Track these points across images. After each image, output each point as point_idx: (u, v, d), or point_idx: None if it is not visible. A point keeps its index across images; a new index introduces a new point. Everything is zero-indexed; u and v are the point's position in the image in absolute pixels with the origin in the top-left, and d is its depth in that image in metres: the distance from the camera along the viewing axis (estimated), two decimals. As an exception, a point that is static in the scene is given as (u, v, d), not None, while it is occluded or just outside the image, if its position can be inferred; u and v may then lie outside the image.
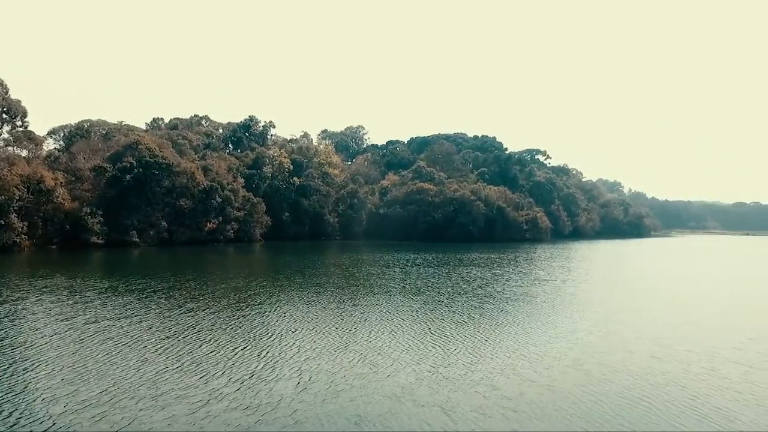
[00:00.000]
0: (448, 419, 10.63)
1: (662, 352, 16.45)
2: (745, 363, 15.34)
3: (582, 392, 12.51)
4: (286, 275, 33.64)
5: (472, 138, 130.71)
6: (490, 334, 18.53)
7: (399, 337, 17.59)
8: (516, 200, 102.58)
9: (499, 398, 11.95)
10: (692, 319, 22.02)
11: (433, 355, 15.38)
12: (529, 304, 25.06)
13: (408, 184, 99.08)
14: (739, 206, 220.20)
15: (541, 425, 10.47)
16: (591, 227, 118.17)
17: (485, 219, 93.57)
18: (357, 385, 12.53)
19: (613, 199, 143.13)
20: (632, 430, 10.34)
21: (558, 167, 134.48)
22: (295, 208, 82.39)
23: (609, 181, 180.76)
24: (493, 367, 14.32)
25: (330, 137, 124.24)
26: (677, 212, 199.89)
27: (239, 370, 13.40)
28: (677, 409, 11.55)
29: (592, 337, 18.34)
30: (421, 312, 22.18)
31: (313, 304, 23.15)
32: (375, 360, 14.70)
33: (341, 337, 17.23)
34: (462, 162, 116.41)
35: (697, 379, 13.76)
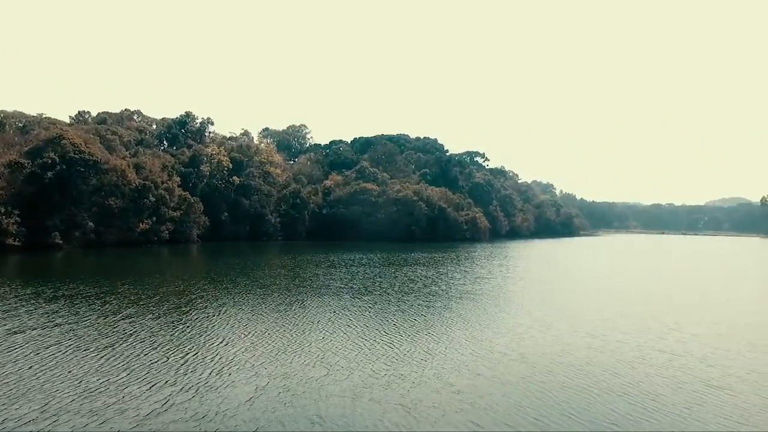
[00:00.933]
0: (406, 415, 10.86)
1: (596, 343, 17.66)
2: (668, 351, 16.81)
3: (528, 383, 13.20)
4: (229, 277, 32.60)
5: (414, 139, 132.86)
6: (439, 331, 19.04)
7: (352, 336, 17.65)
8: (456, 201, 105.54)
9: (452, 392, 12.35)
10: (621, 312, 23.77)
11: (387, 354, 15.59)
12: (474, 301, 25.96)
13: (351, 184, 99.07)
14: (656, 207, 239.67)
15: (494, 416, 10.95)
16: (526, 227, 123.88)
17: (427, 219, 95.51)
18: (315, 386, 12.48)
19: (547, 200, 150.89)
20: (575, 416, 11.04)
21: (496, 169, 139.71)
22: (235, 208, 79.88)
23: (543, 183, 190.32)
24: (444, 363, 14.75)
25: (272, 136, 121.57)
26: (603, 213, 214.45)
27: (189, 377, 12.89)
28: (613, 395, 12.48)
29: (534, 331, 19.33)
30: (372, 311, 22.36)
31: (260, 307, 22.65)
32: (330, 360, 14.68)
33: (294, 339, 17.02)
34: (405, 163, 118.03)
35: (629, 367, 14.91)
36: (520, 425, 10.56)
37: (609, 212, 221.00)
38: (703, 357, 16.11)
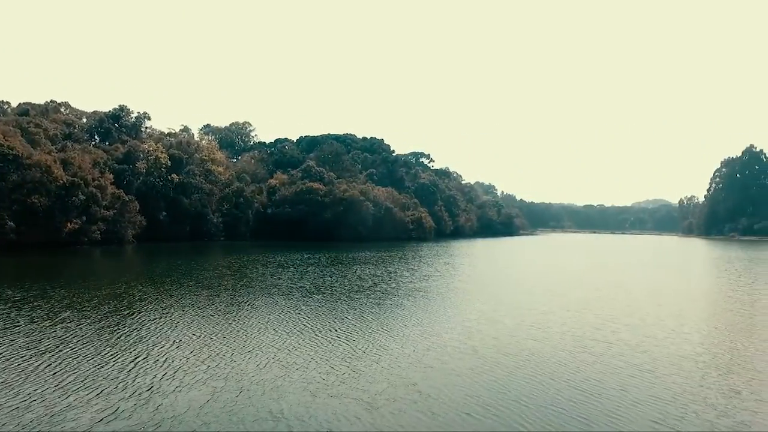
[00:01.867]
0: (362, 409, 11.00)
1: (539, 335, 18.63)
2: (604, 340, 18.03)
3: (480, 374, 13.75)
4: (172, 278, 31.26)
5: (361, 139, 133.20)
6: (392, 327, 19.36)
7: (305, 335, 17.56)
8: (402, 201, 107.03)
9: (408, 385, 12.65)
10: (560, 306, 25.16)
11: (342, 351, 15.67)
12: (424, 298, 26.55)
13: (297, 183, 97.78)
14: (588, 208, 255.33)
15: (448, 406, 11.34)
16: (469, 227, 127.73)
17: (374, 219, 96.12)
18: (272, 385, 12.33)
19: (489, 200, 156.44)
20: (523, 401, 11.65)
21: (441, 170, 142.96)
22: (174, 207, 76.50)
23: (485, 184, 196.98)
24: (399, 358, 15.05)
25: (213, 133, 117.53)
26: (541, 213, 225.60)
27: (135, 383, 12.30)
28: (558, 381, 13.26)
29: (482, 325, 20.08)
30: (324, 310, 22.31)
31: (208, 308, 21.95)
32: (286, 359, 14.55)
33: (247, 340, 16.68)
34: (351, 163, 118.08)
35: (571, 355, 15.87)
36: (473, 412, 11.01)
37: (546, 212, 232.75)
38: (635, 345, 17.42)
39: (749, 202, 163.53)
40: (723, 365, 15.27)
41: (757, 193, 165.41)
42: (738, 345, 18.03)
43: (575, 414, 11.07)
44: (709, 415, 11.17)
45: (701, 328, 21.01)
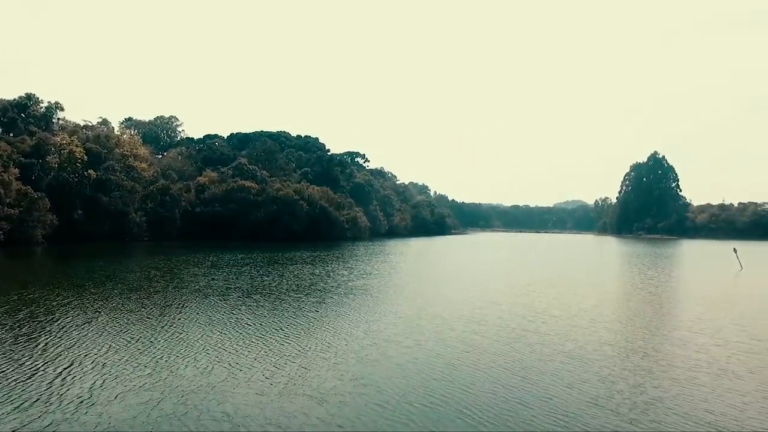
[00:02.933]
0: (311, 404, 10.98)
1: (477, 328, 19.43)
2: (535, 331, 19.18)
3: (423, 365, 14.15)
4: (95, 281, 29.03)
5: (295, 137, 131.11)
6: (335, 324, 19.38)
7: (248, 336, 17.14)
8: (338, 200, 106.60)
9: (354, 380, 12.78)
10: (492, 301, 26.37)
11: (287, 349, 15.48)
12: (364, 295, 26.75)
13: (228, 181, 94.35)
14: (515, 209, 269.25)
15: (394, 397, 11.58)
16: (404, 226, 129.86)
17: (308, 218, 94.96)
18: (218, 387, 11.95)
19: (422, 200, 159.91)
20: (466, 389, 12.17)
21: (376, 170, 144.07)
22: (92, 205, 70.92)
23: (419, 185, 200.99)
24: (344, 354, 15.13)
25: (136, 126, 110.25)
26: (471, 213, 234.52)
27: (69, 393, 11.37)
28: (496, 370, 13.96)
29: (422, 320, 20.61)
30: (264, 310, 21.82)
31: (139, 311, 20.68)
32: (229, 360, 14.15)
33: (185, 343, 15.94)
34: (285, 161, 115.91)
35: (507, 346, 16.72)
36: (420, 402, 11.33)
37: (476, 212, 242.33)
38: (563, 334, 18.68)
39: (654, 203, 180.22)
40: (639, 349, 16.80)
41: (660, 195, 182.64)
42: (649, 330, 19.90)
43: (515, 398, 11.71)
44: (632, 392, 12.28)
45: (618, 317, 22.94)
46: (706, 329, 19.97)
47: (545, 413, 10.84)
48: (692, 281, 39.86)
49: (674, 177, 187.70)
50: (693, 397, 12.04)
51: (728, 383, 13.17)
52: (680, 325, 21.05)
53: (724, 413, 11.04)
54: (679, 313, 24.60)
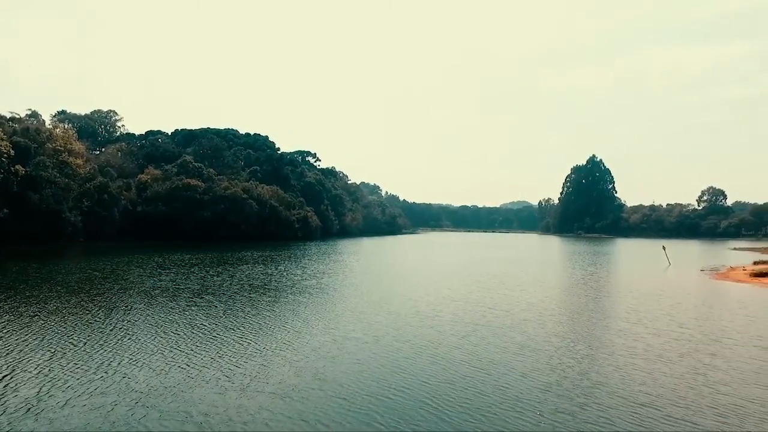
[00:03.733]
0: (274, 400, 10.96)
1: (433, 323, 19.93)
2: (487, 324, 19.92)
3: (382, 361, 14.39)
4: (29, 284, 27.09)
5: (244, 135, 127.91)
6: (291, 323, 19.26)
7: (203, 336, 16.72)
8: (288, 199, 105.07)
9: (314, 375, 12.84)
10: (446, 296, 27.07)
11: (246, 348, 15.26)
12: (320, 294, 26.71)
13: (173, 179, 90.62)
14: (464, 209, 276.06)
15: (354, 390, 11.76)
16: (355, 226, 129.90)
17: (258, 218, 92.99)
18: (180, 387, 11.65)
19: (374, 200, 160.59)
20: (426, 380, 12.52)
21: (327, 169, 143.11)
22: (20, 203, 65.85)
23: (370, 185, 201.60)
24: (302, 351, 15.12)
25: (70, 120, 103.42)
26: (422, 213, 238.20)
27: (9, 402, 10.70)
28: (454, 364, 14.41)
29: (379, 316, 20.90)
30: (218, 310, 21.30)
31: (83, 315, 19.61)
32: (185, 361, 13.78)
33: (137, 345, 15.34)
34: (234, 159, 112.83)
35: (463, 339, 17.28)
36: (379, 394, 11.56)
37: (426, 212, 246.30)
38: (514, 327, 19.53)
39: (592, 204, 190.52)
40: (583, 339, 17.86)
41: (598, 197, 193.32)
42: (591, 322, 21.19)
43: (472, 388, 12.18)
44: (579, 378, 13.10)
45: (563, 310, 24.21)
46: (641, 320, 21.48)
47: (502, 401, 11.34)
48: (627, 276, 42.58)
49: (610, 179, 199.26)
50: (632, 381, 12.99)
51: (662, 367, 14.30)
52: (618, 317, 22.51)
53: (660, 394, 12.00)
54: (616, 306, 26.27)
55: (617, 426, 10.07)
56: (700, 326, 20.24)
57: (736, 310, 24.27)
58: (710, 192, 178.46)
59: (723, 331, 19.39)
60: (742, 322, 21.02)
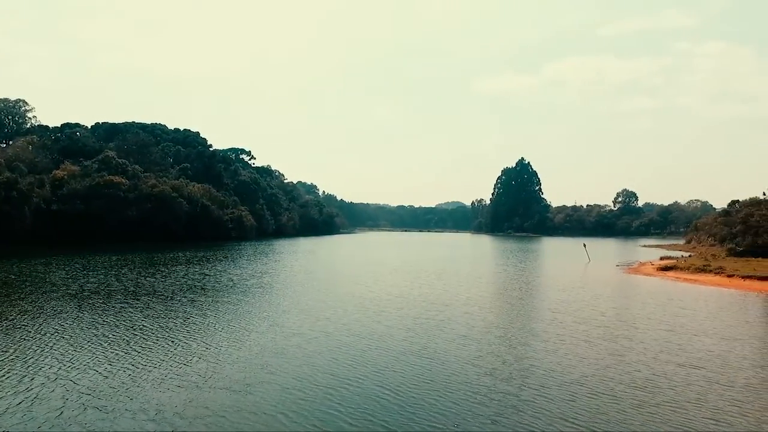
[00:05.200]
0: (225, 395, 11.02)
1: (380, 318, 20.54)
2: (430, 318, 20.83)
3: (335, 354, 14.79)
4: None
5: (173, 131, 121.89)
6: (238, 321, 19.14)
7: (150, 336, 16.23)
8: (221, 198, 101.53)
9: (267, 370, 13.00)
10: (390, 293, 27.80)
11: (193, 346, 15.03)
12: (263, 293, 26.61)
13: (93, 176, 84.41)
14: (401, 209, 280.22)
15: (300, 382, 12.08)
16: (292, 225, 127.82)
17: (188, 217, 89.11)
18: (130, 389, 11.36)
19: (311, 200, 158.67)
20: (378, 372, 13.05)
21: (262, 168, 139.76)
22: None
23: (307, 184, 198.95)
24: (253, 347, 15.17)
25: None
26: (359, 212, 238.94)
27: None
28: (402, 355, 15.08)
29: (326, 312, 21.33)
30: (159, 311, 20.61)
31: (5, 322, 18.11)
32: (136, 362, 13.42)
33: (74, 349, 14.62)
34: (162, 156, 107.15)
35: (407, 332, 18.01)
36: (331, 385, 11.96)
37: (364, 212, 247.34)
38: (454, 319, 20.61)
39: (521, 205, 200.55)
40: (519, 328, 19.25)
41: (526, 198, 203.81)
42: (525, 313, 22.86)
43: (422, 377, 12.91)
44: (518, 362, 14.24)
45: (499, 303, 25.81)
46: (567, 310, 23.36)
47: (450, 387, 12.10)
48: (553, 272, 45.67)
49: (537, 181, 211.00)
50: (562, 362, 14.28)
51: (588, 350, 15.80)
52: (548, 308, 24.29)
53: (586, 373, 13.33)
54: (546, 298, 28.26)
55: (552, 401, 11.13)
56: (617, 314, 22.37)
57: (646, 300, 26.99)
58: (624, 194, 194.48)
59: (636, 317, 21.57)
60: (651, 310, 23.47)
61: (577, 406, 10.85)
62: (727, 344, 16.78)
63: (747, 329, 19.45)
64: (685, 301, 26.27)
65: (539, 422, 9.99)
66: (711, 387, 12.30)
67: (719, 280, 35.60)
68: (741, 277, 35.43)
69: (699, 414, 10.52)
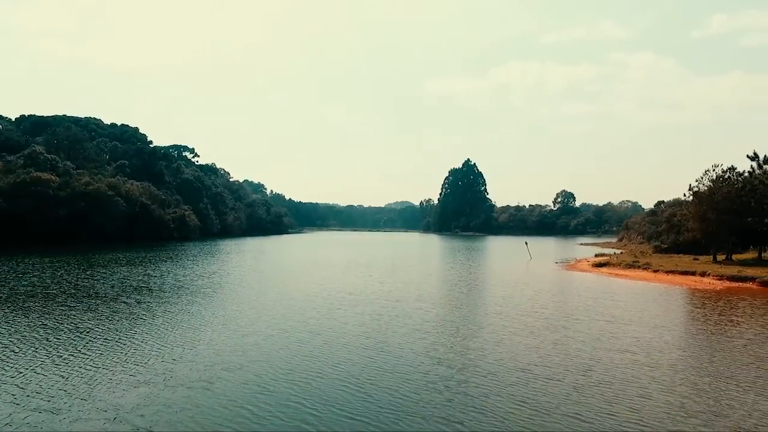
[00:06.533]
0: (184, 393, 11.04)
1: (335, 314, 20.90)
2: (382, 313, 21.36)
3: (293, 350, 14.98)
4: None
5: (109, 125, 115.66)
6: (191, 321, 18.87)
7: (98, 340, 15.67)
8: (162, 197, 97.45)
9: (222, 366, 13.08)
10: (342, 291, 28.12)
11: (147, 347, 14.72)
12: (215, 293, 26.27)
13: (18, 172, 78.49)
14: (350, 209, 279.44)
15: (257, 379, 12.21)
16: (238, 225, 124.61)
17: (127, 217, 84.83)
18: (85, 390, 11.06)
19: (258, 199, 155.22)
20: (335, 366, 13.41)
21: (207, 166, 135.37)
22: None
23: (254, 183, 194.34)
24: (209, 345, 15.11)
25: None
26: (308, 212, 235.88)
27: None
28: (359, 349, 15.50)
29: (280, 310, 21.42)
30: (105, 313, 19.86)
31: None
32: (88, 364, 13.00)
33: (18, 356, 13.92)
34: (96, 152, 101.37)
35: (361, 327, 18.45)
36: (285, 379, 12.21)
37: (313, 212, 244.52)
38: (410, 315, 21.24)
39: (467, 205, 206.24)
40: (469, 321, 20.23)
41: (472, 198, 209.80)
42: (474, 307, 24.01)
43: (379, 369, 13.43)
44: (470, 353, 15.05)
45: (450, 298, 26.80)
46: (512, 304, 24.65)
47: (407, 377, 12.68)
48: (498, 269, 47.66)
49: (483, 182, 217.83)
50: (510, 352, 15.24)
51: (532, 340, 16.88)
52: (494, 302, 25.50)
53: (531, 361, 14.31)
54: (492, 293, 29.59)
55: (502, 386, 11.95)
56: (557, 307, 23.87)
57: (583, 294, 28.92)
58: (563, 195, 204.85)
59: (574, 310, 23.14)
60: (587, 303, 25.23)
61: (524, 389, 11.70)
62: (654, 332, 18.44)
63: (670, 318, 21.43)
64: (617, 295, 28.38)
65: (489, 403, 10.74)
66: (640, 369, 13.58)
67: (646, 275, 38.64)
68: (665, 272, 38.65)
69: (629, 392, 11.65)
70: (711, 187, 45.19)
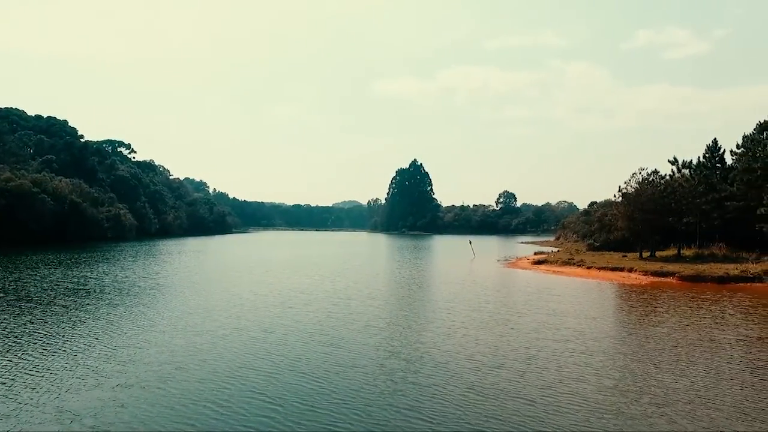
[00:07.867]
0: (137, 393, 10.87)
1: (287, 313, 20.92)
2: (340, 312, 21.62)
3: (249, 348, 14.98)
4: None
5: (33, 117, 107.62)
6: (137, 322, 18.33)
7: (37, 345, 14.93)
8: (95, 195, 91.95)
9: (174, 365, 12.89)
10: (293, 289, 28.06)
11: (93, 351, 14.19)
12: (160, 294, 25.50)
13: (-72, 166, 71.56)
14: (297, 208, 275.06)
15: (212, 377, 12.24)
16: (179, 225, 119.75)
17: (54, 216, 79.26)
18: (27, 402, 10.62)
19: (200, 198, 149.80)
20: (300, 360, 13.56)
21: (144, 163, 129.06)
22: None
23: (195, 181, 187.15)
24: (158, 346, 14.78)
25: None
26: (253, 211, 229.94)
27: None
28: (316, 345, 15.72)
29: (231, 312, 21.11)
30: (40, 317, 18.77)
31: None
32: (46, 365, 12.44)
33: None
34: (19, 145, 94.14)
35: (320, 325, 18.65)
36: (242, 376, 12.31)
37: (258, 211, 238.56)
38: (364, 313, 21.69)
39: (414, 205, 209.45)
40: (420, 318, 21.01)
41: (419, 198, 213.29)
42: (423, 305, 24.84)
43: (329, 362, 13.79)
44: (422, 347, 15.68)
45: (397, 296, 27.55)
46: (458, 299, 25.70)
47: (362, 370, 13.12)
48: (444, 267, 49.13)
49: (429, 182, 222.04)
50: (458, 344, 16.06)
51: (479, 333, 17.80)
52: (442, 299, 26.45)
53: (479, 351, 15.17)
54: (439, 291, 30.60)
55: (453, 375, 12.63)
56: (500, 302, 25.15)
57: (524, 290, 30.56)
58: (505, 195, 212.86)
59: (516, 305, 24.48)
60: (528, 298, 26.73)
61: (474, 377, 12.47)
62: (588, 323, 19.96)
63: (602, 310, 23.22)
64: (555, 290, 30.23)
65: (442, 390, 11.39)
66: (575, 355, 14.78)
67: (580, 271, 41.29)
68: (597, 268, 41.49)
69: (568, 376, 12.72)
70: (638, 189, 48.78)
